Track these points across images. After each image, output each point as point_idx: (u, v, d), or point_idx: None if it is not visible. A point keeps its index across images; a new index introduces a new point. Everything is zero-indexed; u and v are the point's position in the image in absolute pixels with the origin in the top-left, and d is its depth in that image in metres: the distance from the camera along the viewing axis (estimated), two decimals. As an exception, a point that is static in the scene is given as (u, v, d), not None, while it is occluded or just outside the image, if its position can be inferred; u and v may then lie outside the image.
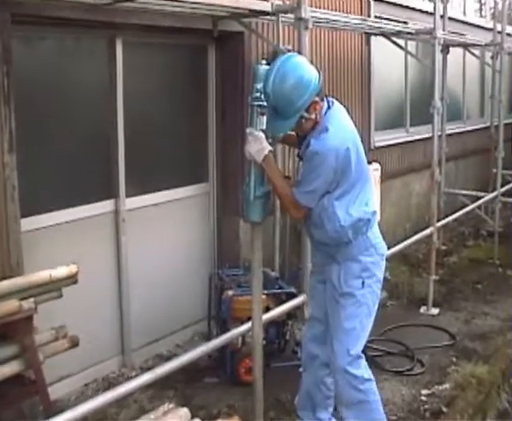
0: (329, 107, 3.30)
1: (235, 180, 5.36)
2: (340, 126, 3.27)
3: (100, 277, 4.70)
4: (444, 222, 6.61)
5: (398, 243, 5.89)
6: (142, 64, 4.91)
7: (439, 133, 7.82)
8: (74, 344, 3.25)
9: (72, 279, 3.19)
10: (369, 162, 6.21)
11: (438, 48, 5.69)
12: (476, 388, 4.30)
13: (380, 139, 7.54)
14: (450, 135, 8.57)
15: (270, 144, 3.20)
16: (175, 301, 5.24)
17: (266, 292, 4.56)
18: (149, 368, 4.86)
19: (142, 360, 5.02)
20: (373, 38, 7.05)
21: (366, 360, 3.57)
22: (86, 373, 4.64)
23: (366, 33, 6.63)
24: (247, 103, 3.24)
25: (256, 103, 3.15)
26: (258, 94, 3.14)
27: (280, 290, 4.69)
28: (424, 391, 4.46)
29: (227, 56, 5.39)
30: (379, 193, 6.25)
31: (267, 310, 4.49)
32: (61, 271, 3.13)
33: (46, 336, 3.13)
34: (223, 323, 4.62)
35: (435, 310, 6.03)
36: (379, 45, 7.15)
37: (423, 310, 6.06)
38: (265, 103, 3.13)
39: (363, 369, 3.45)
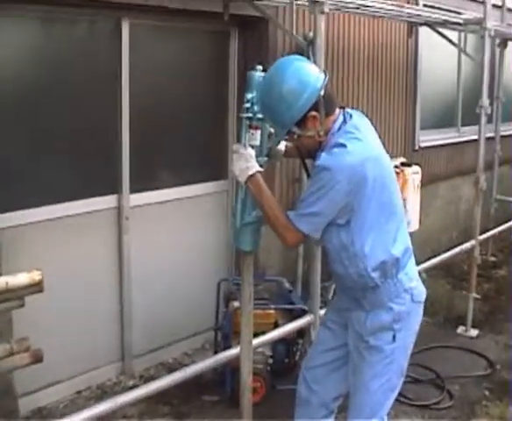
0: (345, 121, 2.72)
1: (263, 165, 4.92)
2: (359, 143, 2.65)
3: (99, 278, 4.36)
4: (489, 234, 6.01)
5: (443, 251, 5.37)
6: (152, 49, 4.49)
7: (493, 135, 7.23)
8: (38, 359, 2.84)
9: (35, 287, 2.76)
10: (409, 165, 5.77)
11: (488, 40, 5.08)
12: (504, 436, 3.76)
13: (427, 138, 6.96)
14: (505, 136, 7.88)
15: (265, 162, 2.73)
16: (185, 306, 4.86)
17: (274, 307, 4.18)
18: (150, 377, 4.56)
19: (143, 368, 4.66)
20: (422, 29, 6.49)
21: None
22: (80, 379, 4.34)
23: (409, 23, 6.05)
24: None
25: (245, 115, 2.67)
26: (248, 105, 2.66)
27: (289, 306, 4.24)
28: (447, 431, 3.95)
29: (251, 44, 4.93)
30: (418, 198, 5.71)
31: (275, 325, 4.10)
32: (21, 279, 2.71)
33: (-1, 351, 2.75)
34: (225, 337, 4.20)
35: (474, 332, 5.44)
36: (428, 36, 6.56)
37: (460, 330, 5.49)
38: (258, 115, 2.66)
39: None
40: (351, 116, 2.75)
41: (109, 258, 4.40)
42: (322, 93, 2.64)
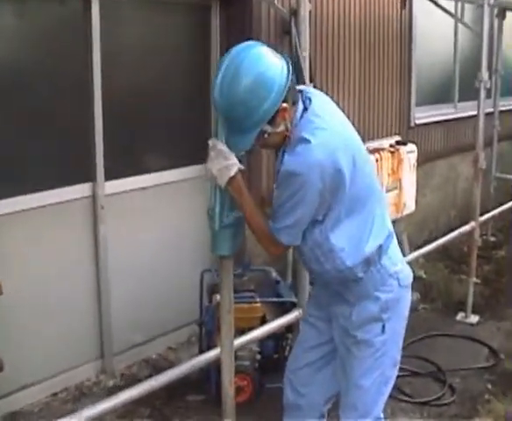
0: (305, 108, 2.39)
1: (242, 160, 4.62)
2: (324, 132, 2.34)
3: (74, 271, 4.08)
4: (490, 215, 5.73)
5: (441, 232, 5.11)
6: (125, 26, 4.20)
7: (491, 110, 6.94)
8: (-2, 368, 2.62)
9: (-6, 292, 2.53)
10: (404, 143, 5.49)
11: (487, 10, 4.77)
12: (509, 436, 3.49)
13: (423, 115, 6.66)
14: (505, 111, 7.58)
15: (243, 156, 2.37)
16: (168, 298, 4.57)
17: (260, 300, 3.91)
18: (132, 376, 4.31)
19: (125, 365, 4.39)
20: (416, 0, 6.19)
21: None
22: (56, 380, 4.06)
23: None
24: None
25: None
26: None
27: (276, 299, 3.97)
28: (448, 430, 3.68)
29: (233, 19, 4.59)
30: (414, 178, 5.45)
31: (263, 319, 3.83)
32: (-24, 282, 2.48)
33: None
34: (208, 333, 3.93)
35: (474, 318, 5.18)
36: (423, 6, 6.24)
37: (460, 316, 5.22)
38: None
39: None
40: (310, 100, 2.42)
41: (84, 250, 4.12)
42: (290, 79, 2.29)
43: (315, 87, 3.72)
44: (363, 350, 2.56)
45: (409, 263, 2.98)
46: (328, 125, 2.37)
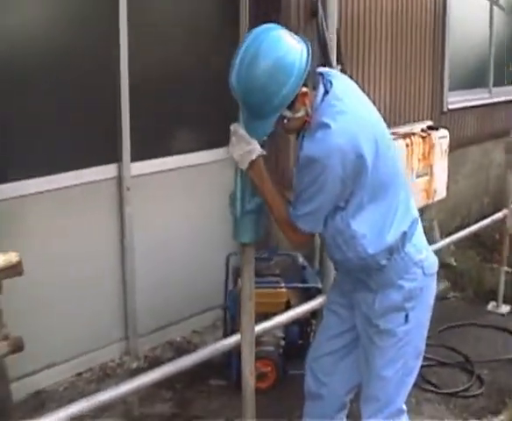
0: (326, 92, 2.31)
1: (270, 142, 4.54)
2: (345, 116, 2.27)
3: (100, 253, 4.08)
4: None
5: (474, 219, 4.98)
6: (153, 6, 4.14)
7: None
8: (18, 347, 2.59)
9: (13, 270, 2.50)
10: (436, 128, 5.38)
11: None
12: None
13: (456, 100, 6.52)
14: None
15: (265, 141, 2.31)
16: (194, 281, 4.55)
17: (285, 285, 3.86)
18: (155, 358, 4.30)
19: (149, 347, 4.39)
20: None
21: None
22: (80, 360, 4.07)
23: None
24: None
25: None
26: None
27: (301, 285, 3.92)
28: (474, 424, 3.60)
29: None
30: (446, 164, 5.34)
31: (288, 305, 3.78)
32: (-6, 262, 2.45)
33: (-31, 342, 2.48)
34: (232, 317, 3.89)
35: (505, 308, 5.07)
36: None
37: (491, 306, 5.11)
38: None
39: None
40: (331, 83, 2.34)
41: (110, 231, 4.11)
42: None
43: (343, 70, 3.64)
44: (385, 340, 2.50)
45: (440, 250, 2.89)
46: (349, 109, 2.30)
